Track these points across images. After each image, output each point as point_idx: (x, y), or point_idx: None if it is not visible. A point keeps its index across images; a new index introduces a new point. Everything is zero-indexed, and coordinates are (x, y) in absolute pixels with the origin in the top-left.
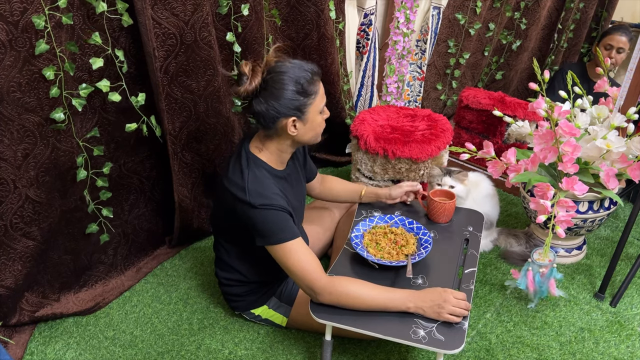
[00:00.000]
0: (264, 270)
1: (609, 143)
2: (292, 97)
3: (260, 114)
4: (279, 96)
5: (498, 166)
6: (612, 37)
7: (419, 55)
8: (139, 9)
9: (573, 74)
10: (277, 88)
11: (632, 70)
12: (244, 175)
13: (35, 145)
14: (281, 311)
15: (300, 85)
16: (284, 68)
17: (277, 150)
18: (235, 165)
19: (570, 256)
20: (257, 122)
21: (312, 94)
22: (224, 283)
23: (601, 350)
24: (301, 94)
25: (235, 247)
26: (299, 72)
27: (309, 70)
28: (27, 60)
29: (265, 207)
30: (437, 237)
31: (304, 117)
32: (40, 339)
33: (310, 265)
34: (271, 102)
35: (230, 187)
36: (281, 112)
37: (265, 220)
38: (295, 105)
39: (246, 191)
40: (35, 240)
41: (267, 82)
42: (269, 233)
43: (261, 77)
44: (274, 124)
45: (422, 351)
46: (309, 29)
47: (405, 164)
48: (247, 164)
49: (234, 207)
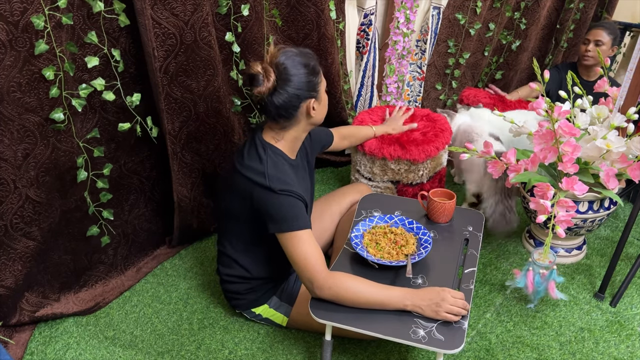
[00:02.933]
0: (268, 266)
1: (609, 143)
2: (307, 79)
3: (282, 106)
4: (295, 82)
5: (498, 166)
6: (590, 31)
7: (419, 55)
8: (138, 9)
9: (573, 74)
10: (292, 75)
11: (632, 70)
12: (263, 161)
13: (35, 145)
14: (282, 311)
15: (309, 66)
16: (290, 57)
17: (293, 138)
18: (251, 153)
19: (570, 256)
20: (277, 116)
21: (319, 72)
22: (225, 280)
23: (601, 350)
24: (312, 74)
25: (241, 241)
26: (303, 56)
27: (310, 53)
28: (27, 60)
29: (284, 192)
30: (437, 237)
31: (319, 97)
32: (40, 339)
33: (315, 257)
34: (290, 90)
35: (247, 173)
36: (302, 97)
37: (282, 206)
38: (311, 86)
39: (266, 176)
40: (35, 240)
41: (280, 73)
42: (283, 219)
43: (274, 72)
44: (296, 110)
45: (422, 351)
46: (309, 29)
47: (404, 165)
48: (265, 151)
49: (251, 193)
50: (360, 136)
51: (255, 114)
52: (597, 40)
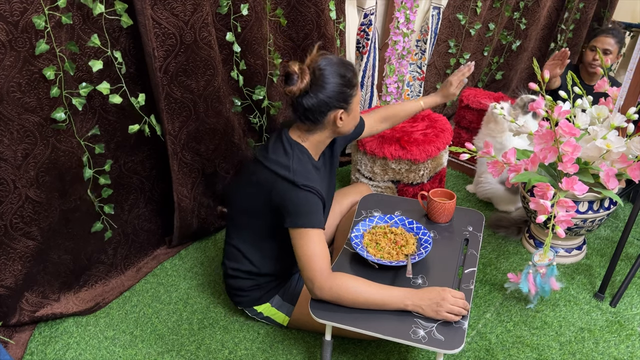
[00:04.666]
0: (276, 264)
1: (609, 143)
2: (340, 89)
3: (310, 109)
4: (328, 90)
5: (498, 166)
6: (597, 38)
7: (418, 55)
8: (138, 9)
9: (573, 74)
10: (326, 82)
11: (632, 71)
12: (289, 156)
13: (35, 145)
14: (283, 310)
15: (346, 77)
16: (329, 64)
17: (317, 142)
18: (276, 147)
19: (570, 256)
20: (304, 118)
21: (355, 85)
22: (230, 275)
23: (601, 350)
24: (347, 86)
25: (253, 235)
26: (342, 66)
27: (350, 64)
28: (27, 61)
29: (306, 188)
30: (437, 237)
31: (349, 108)
32: (40, 339)
33: (321, 258)
34: (321, 97)
35: (271, 166)
36: (331, 105)
37: (301, 201)
38: (342, 97)
39: (291, 170)
40: (35, 240)
41: (316, 78)
42: (300, 214)
43: (310, 75)
44: (323, 117)
45: (422, 351)
46: (309, 29)
47: (405, 165)
48: (291, 147)
49: (272, 185)
50: (405, 114)
51: (255, 114)
52: (606, 49)
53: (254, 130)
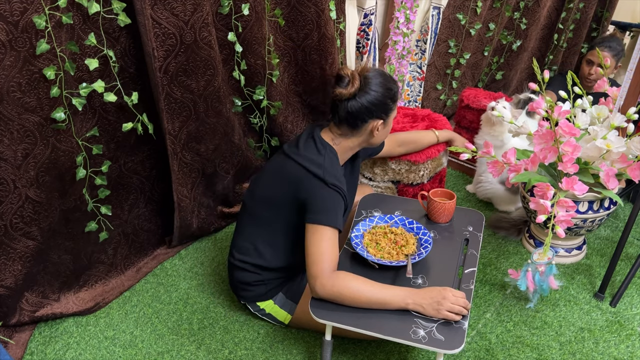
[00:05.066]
0: (286, 260)
1: (609, 143)
2: (384, 100)
3: (353, 114)
4: (374, 97)
5: (498, 166)
6: (593, 52)
7: (418, 55)
8: (138, 8)
9: (573, 74)
10: (374, 90)
11: (632, 71)
12: (322, 154)
13: (35, 145)
14: (286, 308)
15: (392, 91)
16: (379, 75)
17: (347, 148)
18: (308, 145)
19: (570, 256)
20: (343, 121)
21: (397, 100)
22: (238, 267)
23: (601, 350)
24: (390, 98)
25: (270, 228)
26: (390, 80)
27: (395, 80)
28: (27, 60)
29: (334, 187)
30: (437, 237)
31: (387, 121)
32: (40, 339)
33: (330, 257)
34: (366, 103)
35: (302, 161)
36: (373, 113)
37: (327, 199)
38: (384, 109)
39: (322, 167)
40: (35, 240)
41: (364, 85)
42: (322, 211)
43: (360, 81)
44: (364, 123)
45: (422, 351)
46: (309, 29)
47: (404, 165)
48: (324, 147)
49: (300, 180)
50: (422, 142)
51: (255, 114)
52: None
53: (254, 130)
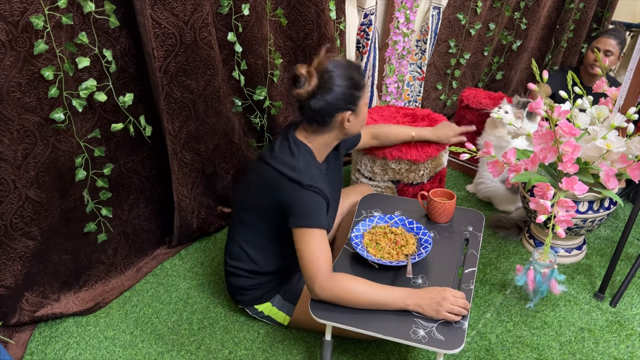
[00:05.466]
0: (278, 263)
1: (609, 143)
2: (347, 91)
3: (318, 112)
4: (336, 92)
5: (498, 166)
6: (599, 39)
7: (418, 55)
8: (138, 8)
9: (573, 73)
10: (334, 84)
11: (632, 71)
12: (295, 156)
13: (35, 145)
14: (284, 310)
15: (353, 80)
16: (336, 66)
17: (323, 144)
18: (283, 148)
19: (570, 256)
20: (311, 120)
21: (362, 87)
22: (232, 273)
23: (601, 350)
24: (354, 88)
25: (256, 235)
26: (350, 68)
27: (357, 66)
28: (27, 60)
29: (311, 188)
30: (437, 237)
31: (357, 110)
32: (40, 339)
33: (323, 258)
34: (329, 99)
35: (277, 166)
36: (339, 107)
37: (306, 201)
38: (350, 99)
39: (297, 170)
40: (35, 240)
41: (323, 80)
42: (304, 214)
43: (317, 77)
44: (331, 119)
45: (422, 351)
46: (309, 29)
47: (404, 165)
48: (298, 147)
49: (277, 185)
50: (395, 137)
51: (255, 114)
52: (607, 51)
53: (255, 130)
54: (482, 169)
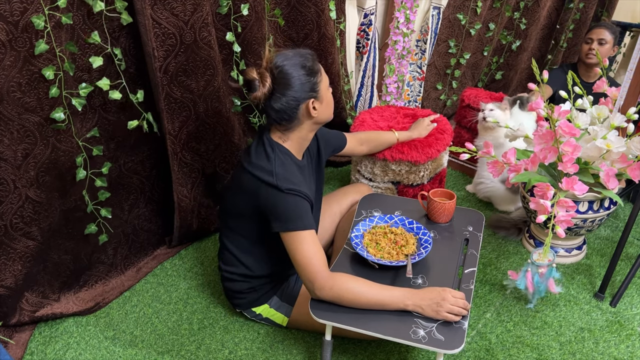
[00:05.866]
0: (270, 266)
1: (609, 143)
2: (304, 80)
3: (282, 110)
4: (293, 85)
5: (498, 166)
6: (592, 31)
7: (418, 55)
8: (138, 8)
9: (573, 73)
10: (288, 78)
11: (632, 71)
12: (271, 160)
13: (35, 145)
14: (282, 311)
15: (306, 67)
16: (286, 59)
17: (299, 139)
18: (258, 151)
19: (570, 256)
20: (278, 119)
21: (318, 71)
22: (227, 278)
23: (601, 350)
24: (310, 74)
25: (244, 239)
26: (300, 57)
27: (307, 52)
28: (27, 60)
29: (291, 191)
30: (437, 237)
31: (319, 96)
32: (40, 339)
33: (317, 258)
34: (288, 94)
35: (254, 171)
36: (300, 98)
37: (288, 205)
38: (309, 87)
39: (274, 174)
40: (35, 240)
41: (277, 78)
42: (288, 218)
43: (270, 76)
44: (296, 112)
45: (422, 351)
46: (309, 29)
47: (405, 166)
48: (273, 150)
49: (257, 191)
50: (382, 141)
51: (255, 114)
52: (601, 39)
53: (254, 130)
54: (482, 169)
